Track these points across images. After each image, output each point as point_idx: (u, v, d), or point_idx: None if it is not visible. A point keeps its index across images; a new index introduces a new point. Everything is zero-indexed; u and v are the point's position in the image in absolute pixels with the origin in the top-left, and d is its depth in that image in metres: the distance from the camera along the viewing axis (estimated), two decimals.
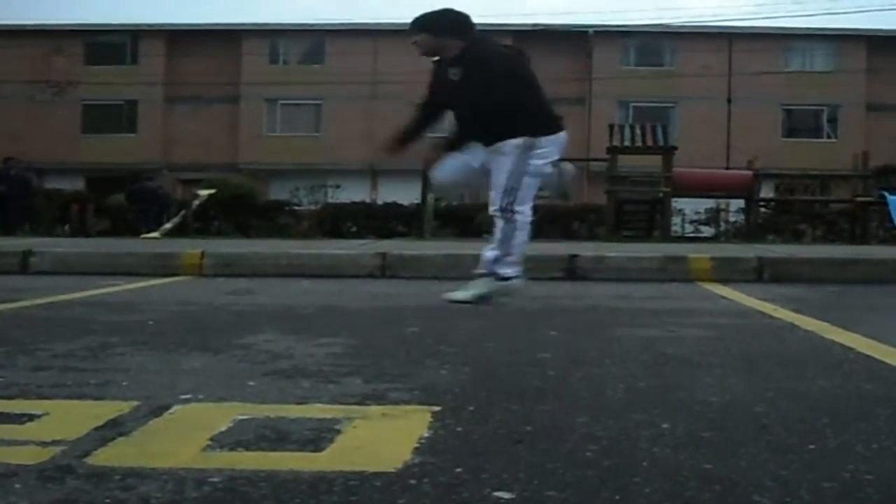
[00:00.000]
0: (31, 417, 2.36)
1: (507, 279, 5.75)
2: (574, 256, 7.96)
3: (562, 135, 5.94)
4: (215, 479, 1.83)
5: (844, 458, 2.01)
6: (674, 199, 21.22)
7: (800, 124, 42.18)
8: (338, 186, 30.04)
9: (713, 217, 26.03)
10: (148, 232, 21.03)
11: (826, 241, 21.86)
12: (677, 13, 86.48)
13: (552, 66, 40.70)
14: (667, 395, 2.74)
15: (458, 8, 6.12)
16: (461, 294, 5.76)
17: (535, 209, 5.97)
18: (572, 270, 7.86)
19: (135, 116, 43.09)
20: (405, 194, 26.83)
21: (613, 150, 20.78)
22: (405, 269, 8.03)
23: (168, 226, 22.42)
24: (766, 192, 25.07)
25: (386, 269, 8.05)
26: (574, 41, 41.55)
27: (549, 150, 5.85)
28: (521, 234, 5.81)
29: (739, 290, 6.74)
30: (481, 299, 5.67)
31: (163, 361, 3.32)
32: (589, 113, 40.57)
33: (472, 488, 1.79)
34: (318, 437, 2.17)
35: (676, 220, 24.47)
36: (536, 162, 5.79)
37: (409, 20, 6.01)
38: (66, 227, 24.39)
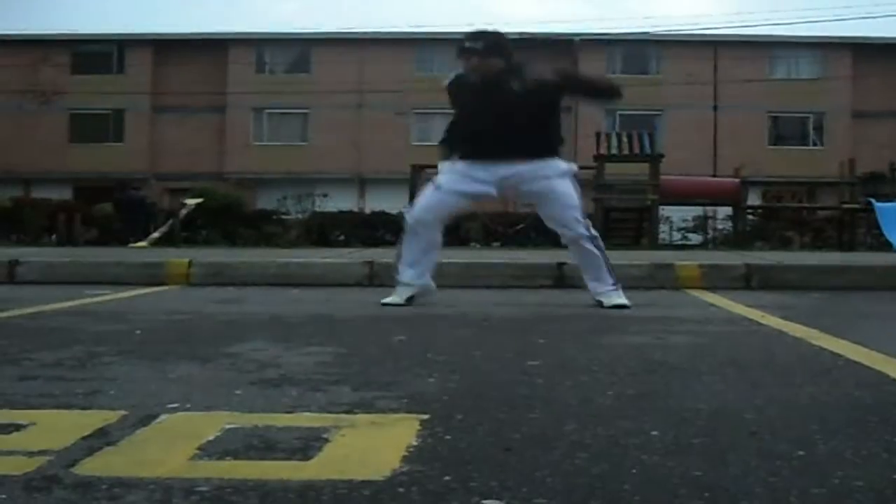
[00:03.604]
0: (18, 427, 2.34)
1: (623, 307, 5.93)
2: (562, 264, 7.95)
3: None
4: (203, 489, 1.83)
5: (834, 465, 2.01)
6: (661, 207, 21.28)
7: (786, 132, 42.34)
8: (325, 195, 30.03)
9: (701, 224, 26.10)
10: (136, 241, 21.01)
11: (814, 248, 21.92)
12: (662, 21, 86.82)
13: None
14: (656, 402, 2.74)
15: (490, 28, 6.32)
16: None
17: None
18: (561, 278, 7.86)
19: (121, 126, 43.04)
20: (392, 203, 26.83)
21: (600, 158, 20.84)
22: (393, 278, 8.01)
23: (156, 235, 22.40)
24: (753, 199, 25.17)
25: (374, 277, 8.03)
26: (559, 50, 41.61)
27: None
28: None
29: (727, 297, 6.74)
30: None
31: (150, 370, 3.30)
32: (576, 121, 40.59)
33: (460, 496, 1.78)
34: (307, 445, 2.17)
35: (664, 227, 24.54)
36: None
37: (462, 35, 6.14)
38: (54, 237, 24.34)
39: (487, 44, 6.06)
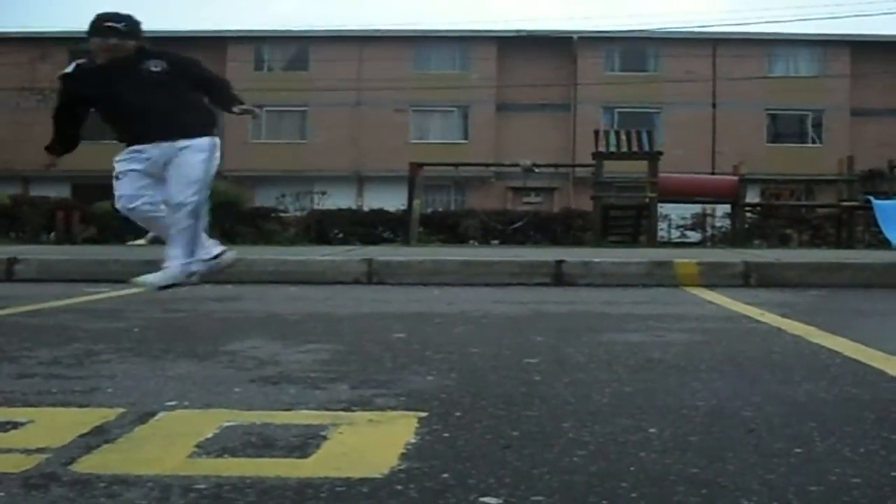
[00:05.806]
0: (16, 425, 2.34)
1: (217, 257, 6.45)
2: (560, 262, 7.96)
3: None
4: (201, 486, 1.83)
5: (831, 462, 2.02)
6: (660, 205, 21.28)
7: (785, 129, 42.32)
8: (324, 193, 29.93)
9: (699, 222, 26.06)
10: (134, 239, 20.96)
11: (812, 245, 21.91)
12: (660, 19, 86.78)
13: (537, 72, 40.90)
14: (654, 399, 2.74)
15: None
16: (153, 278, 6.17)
17: None
18: (559, 276, 7.86)
19: None
20: (391, 200, 26.83)
21: (599, 156, 20.83)
22: (391, 276, 8.02)
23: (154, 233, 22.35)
24: (752, 196, 25.11)
25: (372, 275, 8.04)
26: (558, 47, 41.66)
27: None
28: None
29: (726, 294, 6.75)
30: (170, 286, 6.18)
31: (149, 368, 3.30)
32: (574, 118, 40.68)
33: (458, 494, 1.79)
34: (305, 443, 2.17)
35: (663, 225, 24.50)
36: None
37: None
38: (52, 235, 24.30)
39: (129, 24, 6.23)
